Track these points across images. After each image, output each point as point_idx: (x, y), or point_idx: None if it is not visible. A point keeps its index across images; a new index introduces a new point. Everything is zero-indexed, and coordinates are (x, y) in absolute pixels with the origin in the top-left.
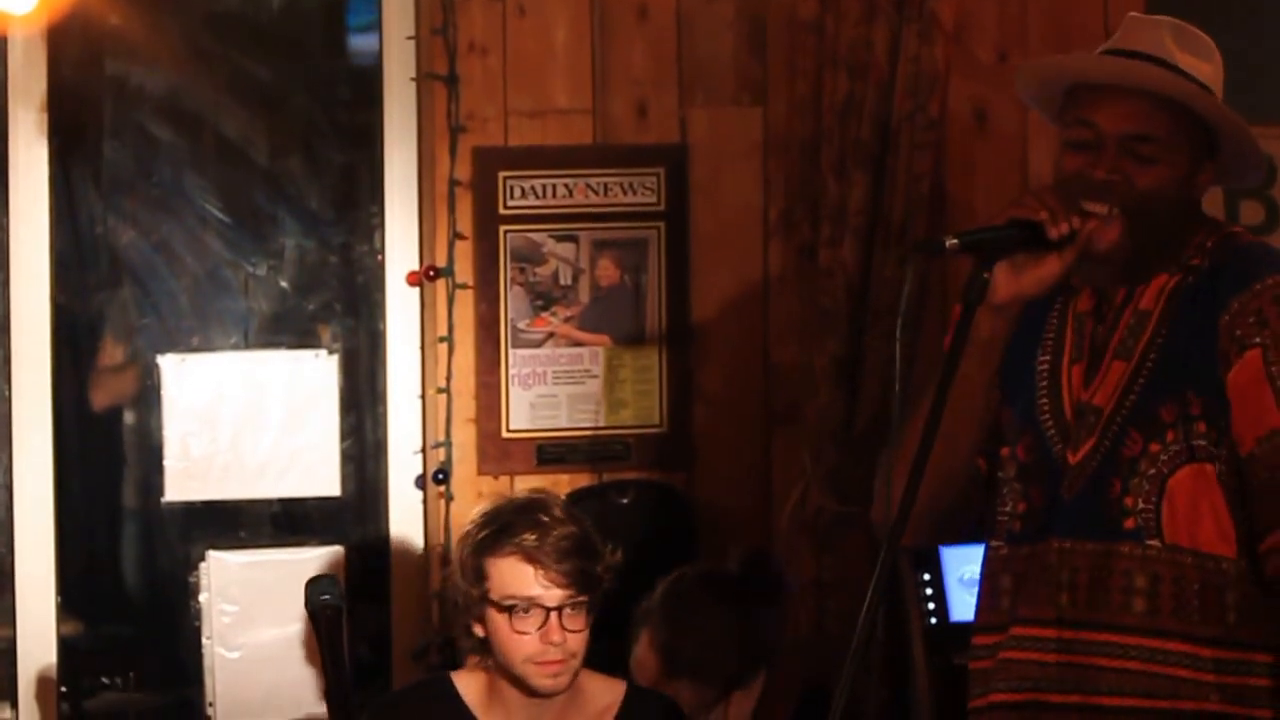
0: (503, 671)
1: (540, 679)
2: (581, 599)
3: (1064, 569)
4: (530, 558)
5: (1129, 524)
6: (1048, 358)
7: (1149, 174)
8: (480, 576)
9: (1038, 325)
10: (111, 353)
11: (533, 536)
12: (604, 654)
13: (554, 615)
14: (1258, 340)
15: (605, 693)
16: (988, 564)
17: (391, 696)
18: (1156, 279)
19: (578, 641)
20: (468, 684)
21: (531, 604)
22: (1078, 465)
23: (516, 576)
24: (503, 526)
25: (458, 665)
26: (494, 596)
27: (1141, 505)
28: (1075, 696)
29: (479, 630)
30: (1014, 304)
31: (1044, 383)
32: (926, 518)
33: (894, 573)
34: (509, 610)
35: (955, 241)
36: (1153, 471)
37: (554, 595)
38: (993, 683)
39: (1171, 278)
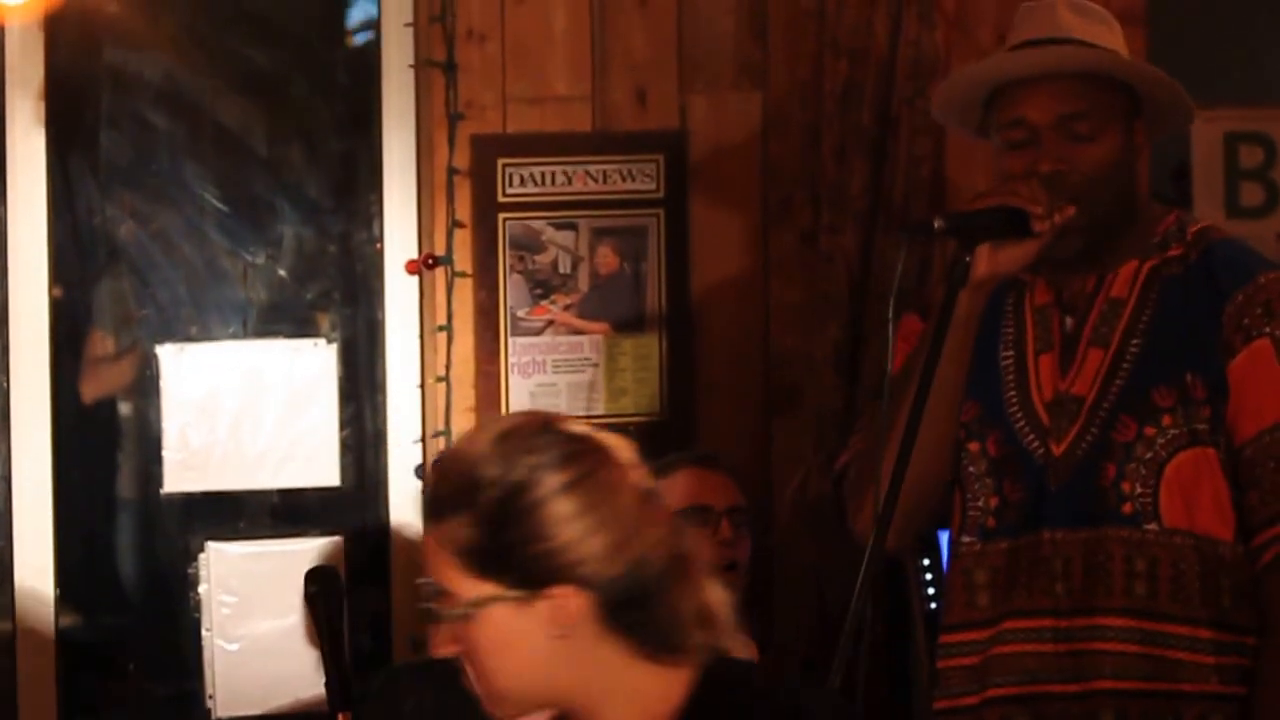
0: None
1: None
2: None
3: (1057, 559)
4: None
5: (1126, 509)
6: (1011, 352)
7: (1092, 151)
8: None
9: (993, 320)
10: (102, 343)
11: None
12: None
13: None
14: (1267, 330)
15: None
16: (958, 560)
17: (419, 662)
18: (1126, 265)
19: None
20: None
21: None
22: (1064, 455)
23: None
24: None
25: None
26: None
27: (1139, 490)
28: (1075, 685)
29: None
30: (990, 281)
31: (1010, 377)
32: (911, 512)
33: (894, 559)
34: None
35: (942, 223)
36: (1149, 455)
37: None
38: (988, 678)
39: (1144, 264)
